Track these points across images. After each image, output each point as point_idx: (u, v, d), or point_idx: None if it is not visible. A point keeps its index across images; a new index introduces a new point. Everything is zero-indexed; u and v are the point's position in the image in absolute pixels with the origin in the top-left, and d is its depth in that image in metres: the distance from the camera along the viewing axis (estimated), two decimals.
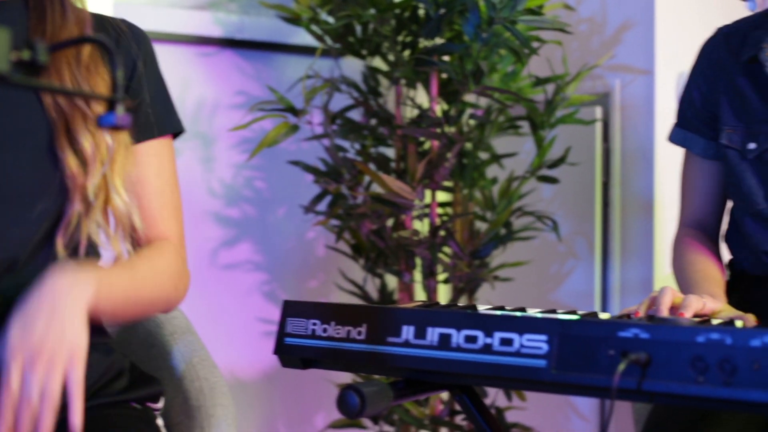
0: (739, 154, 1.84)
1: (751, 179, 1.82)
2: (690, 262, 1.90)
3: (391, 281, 2.96)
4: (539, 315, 1.37)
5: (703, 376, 1.18)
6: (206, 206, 2.95)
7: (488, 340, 1.33)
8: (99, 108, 1.51)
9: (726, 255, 2.03)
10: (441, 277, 2.66)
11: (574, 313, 1.47)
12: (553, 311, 1.55)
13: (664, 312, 1.53)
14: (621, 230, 2.97)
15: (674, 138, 2.00)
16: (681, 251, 1.95)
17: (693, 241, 1.95)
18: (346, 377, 2.85)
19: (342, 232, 2.64)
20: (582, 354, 1.26)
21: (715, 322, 1.49)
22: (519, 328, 1.31)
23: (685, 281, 1.86)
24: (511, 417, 2.79)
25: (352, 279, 2.85)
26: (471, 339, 1.34)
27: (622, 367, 1.20)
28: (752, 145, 1.82)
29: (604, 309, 3.01)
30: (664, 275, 2.88)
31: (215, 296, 2.94)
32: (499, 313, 1.38)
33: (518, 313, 1.38)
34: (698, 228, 1.99)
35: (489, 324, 1.33)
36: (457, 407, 2.73)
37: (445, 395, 2.74)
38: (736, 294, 1.96)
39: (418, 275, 2.66)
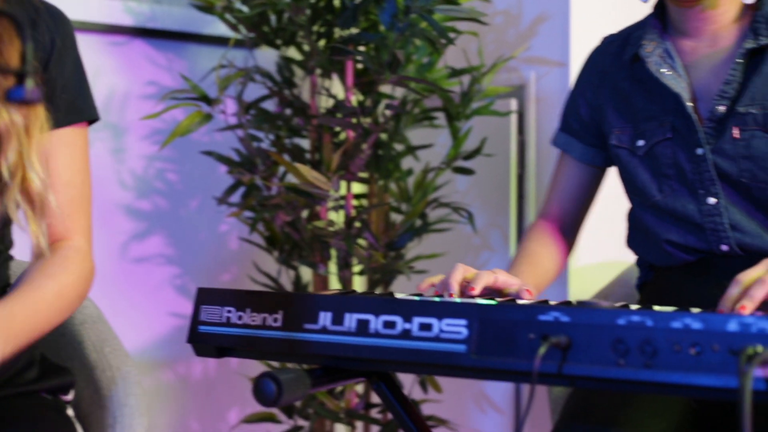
0: (629, 152, 1.91)
1: (644, 174, 1.89)
2: (524, 247, 2.02)
3: (306, 273, 2.93)
4: (458, 300, 1.35)
5: (624, 358, 1.17)
6: (117, 198, 2.89)
7: (407, 326, 1.31)
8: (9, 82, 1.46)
9: (631, 257, 2.10)
10: (356, 268, 2.64)
11: (492, 299, 1.46)
12: (471, 298, 1.54)
13: (454, 286, 1.57)
14: None
15: (558, 142, 2.10)
16: (525, 237, 2.06)
17: (541, 229, 2.06)
18: (260, 371, 2.82)
19: (256, 224, 2.60)
20: (502, 338, 1.25)
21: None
22: (438, 313, 1.29)
23: (512, 262, 1.98)
24: (426, 410, 2.79)
25: (266, 272, 2.81)
26: (390, 324, 1.32)
27: (542, 350, 1.19)
28: (641, 143, 1.89)
29: None
30: (577, 267, 2.89)
31: (125, 290, 2.89)
32: (417, 298, 1.36)
33: (437, 299, 1.36)
34: (553, 222, 2.08)
35: (408, 309, 1.31)
36: (373, 400, 2.71)
37: (360, 388, 2.72)
38: (648, 287, 1.98)
39: (333, 267, 2.63)
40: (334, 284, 2.73)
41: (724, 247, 1.80)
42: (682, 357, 1.14)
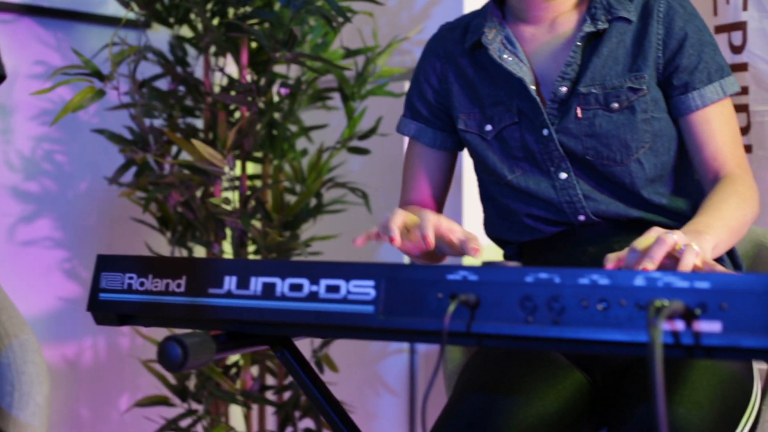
0: (478, 136, 1.94)
1: (494, 156, 1.92)
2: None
3: (200, 253, 2.90)
4: (365, 262, 1.35)
5: (532, 315, 1.18)
6: (3, 180, 2.82)
7: (314, 288, 1.30)
8: None
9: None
10: (251, 248, 2.62)
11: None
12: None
13: (395, 231, 1.56)
14: None
15: (406, 130, 2.06)
16: None
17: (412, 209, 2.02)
18: (152, 354, 2.78)
19: (148, 204, 2.56)
20: (410, 298, 1.24)
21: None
22: (346, 275, 1.28)
23: None
24: None
25: (159, 253, 2.77)
26: (296, 287, 1.31)
27: (451, 308, 1.19)
28: (489, 127, 1.92)
29: None
30: None
31: (13, 274, 2.82)
32: (324, 261, 1.35)
33: (344, 262, 1.35)
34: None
35: (315, 271, 1.30)
36: (268, 382, 2.69)
37: (255, 370, 2.70)
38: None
39: (228, 247, 2.61)
40: None
41: (582, 217, 1.86)
42: (590, 313, 1.16)
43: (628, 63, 1.85)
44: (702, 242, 1.53)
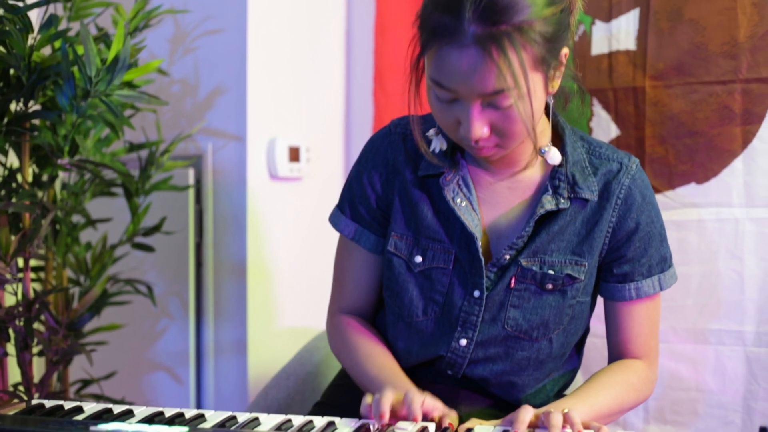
0: (405, 264, 1.88)
1: (413, 291, 1.87)
2: (368, 356, 1.91)
3: None
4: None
5: None
6: None
7: None
8: None
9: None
10: (36, 350, 2.60)
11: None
12: (161, 413, 1.58)
13: (387, 417, 1.59)
14: (214, 291, 3.01)
15: (346, 231, 1.98)
16: (351, 342, 1.95)
17: (359, 328, 1.97)
18: None
19: None
20: None
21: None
22: None
23: (368, 377, 1.88)
24: None
25: None
26: None
27: None
28: (419, 259, 1.86)
29: (199, 368, 3.05)
30: (257, 336, 2.96)
31: None
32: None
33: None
34: (358, 315, 2.02)
35: None
36: None
37: None
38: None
39: (12, 349, 2.59)
40: (13, 366, 2.67)
41: (449, 372, 1.87)
42: None
43: (573, 243, 1.81)
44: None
